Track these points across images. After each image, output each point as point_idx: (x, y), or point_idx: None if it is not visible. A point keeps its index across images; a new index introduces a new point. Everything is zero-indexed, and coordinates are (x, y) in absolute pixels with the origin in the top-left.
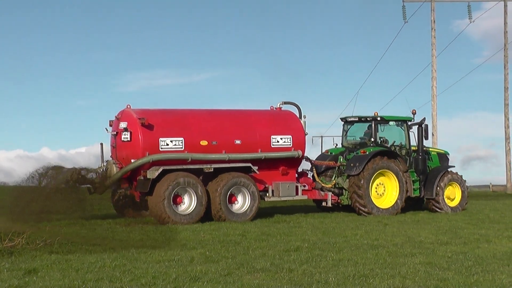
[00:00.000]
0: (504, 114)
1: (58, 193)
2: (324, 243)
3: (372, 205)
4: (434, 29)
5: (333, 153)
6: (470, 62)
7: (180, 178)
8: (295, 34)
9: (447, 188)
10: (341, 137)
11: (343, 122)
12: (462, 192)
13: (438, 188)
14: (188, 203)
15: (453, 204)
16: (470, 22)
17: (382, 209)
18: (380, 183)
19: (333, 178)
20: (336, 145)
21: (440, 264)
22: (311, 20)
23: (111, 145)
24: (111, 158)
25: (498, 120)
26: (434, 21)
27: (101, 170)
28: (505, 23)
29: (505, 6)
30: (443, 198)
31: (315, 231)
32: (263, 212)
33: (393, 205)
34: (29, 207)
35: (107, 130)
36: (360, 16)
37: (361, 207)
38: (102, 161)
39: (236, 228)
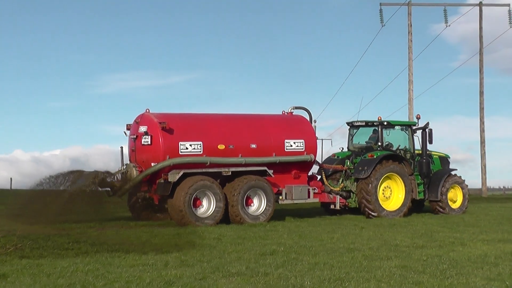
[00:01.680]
0: (480, 118)
1: (81, 196)
2: (300, 246)
3: (380, 208)
4: (411, 33)
5: (340, 157)
6: (447, 66)
7: (200, 181)
8: (273, 36)
9: (450, 191)
10: (347, 141)
11: (349, 127)
12: (464, 194)
13: (442, 190)
14: (207, 206)
15: (455, 206)
16: (446, 26)
17: (390, 211)
18: (387, 186)
19: (340, 182)
20: (342, 149)
21: (415, 268)
22: (289, 23)
23: (130, 149)
24: (129, 162)
25: (474, 124)
26: (411, 25)
27: (121, 173)
28: (480, 27)
29: (480, 11)
30: (447, 200)
31: (291, 234)
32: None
33: (399, 207)
34: (48, 210)
35: (125, 133)
36: (337, 20)
37: (369, 210)
38: (122, 164)
39: (211, 231)
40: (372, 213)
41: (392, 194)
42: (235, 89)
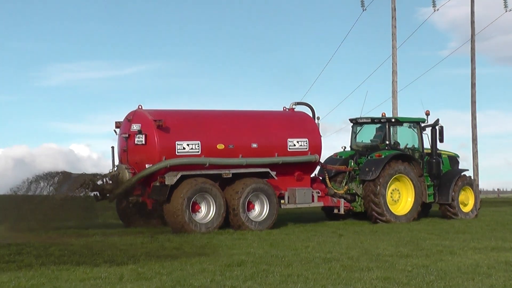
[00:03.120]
0: (471, 113)
1: (70, 201)
2: (272, 256)
3: (389, 212)
4: (395, 18)
5: (343, 157)
6: (436, 55)
7: (199, 184)
8: (241, 22)
9: (461, 193)
10: (350, 140)
11: (352, 124)
12: (475, 197)
13: (453, 193)
14: (206, 211)
15: (466, 209)
16: (435, 11)
17: (399, 216)
18: (395, 189)
19: (343, 184)
20: (345, 148)
21: (399, 279)
22: (260, 8)
23: (121, 149)
24: (120, 163)
25: (466, 119)
26: (395, 9)
27: (112, 175)
28: (472, 12)
29: None
30: (458, 204)
31: (261, 243)
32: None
33: (409, 211)
34: (33, 216)
35: (115, 132)
36: (312, 3)
37: (377, 215)
38: (113, 166)
39: (172, 240)
40: (381, 218)
41: (401, 197)
42: (197, 82)
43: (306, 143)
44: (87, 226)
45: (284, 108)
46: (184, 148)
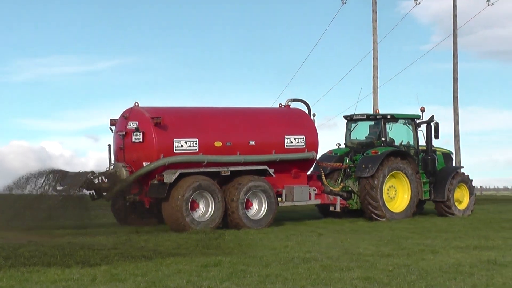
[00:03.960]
0: (454, 109)
1: (67, 200)
2: (249, 256)
3: (386, 209)
4: (375, 12)
5: (338, 154)
6: (417, 49)
7: (198, 182)
8: (217, 16)
9: (456, 190)
10: (344, 137)
11: (346, 121)
12: (471, 194)
13: (449, 190)
14: (205, 209)
15: (461, 207)
16: (416, 4)
17: (395, 213)
18: (391, 186)
19: (339, 181)
20: (339, 145)
21: (380, 279)
22: (234, 2)
23: (117, 147)
24: (117, 161)
25: (449, 115)
26: (376, 3)
27: (109, 174)
28: (454, 6)
29: None
30: (454, 201)
31: (239, 242)
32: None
33: (405, 209)
34: (27, 215)
35: (111, 130)
36: None
37: (374, 212)
38: (110, 164)
39: (147, 240)
40: (378, 215)
41: (397, 194)
42: (173, 76)
43: (303, 140)
44: (80, 226)
45: (280, 105)
46: (182, 146)
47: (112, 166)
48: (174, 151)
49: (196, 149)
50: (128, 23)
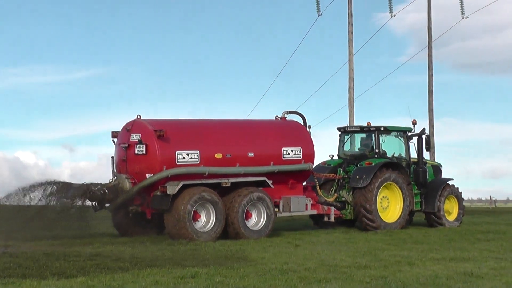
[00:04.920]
0: (429, 121)
1: (70, 211)
2: (226, 268)
3: (379, 219)
4: (351, 24)
5: (332, 165)
6: (393, 61)
7: (200, 193)
8: (194, 27)
9: (445, 202)
10: (337, 148)
11: (339, 132)
12: (459, 206)
13: (439, 201)
14: (206, 220)
15: (451, 218)
16: (392, 17)
17: (388, 223)
18: (384, 196)
19: (333, 192)
20: (332, 156)
21: None
22: (213, 13)
23: (119, 158)
24: (118, 172)
25: (424, 126)
26: (352, 15)
27: (112, 185)
28: (429, 18)
29: None
30: (443, 212)
31: (216, 254)
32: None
33: (398, 219)
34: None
35: (113, 142)
36: (267, 8)
37: (368, 222)
38: (113, 176)
39: (123, 251)
40: (371, 225)
41: (390, 204)
42: (148, 87)
43: (300, 152)
44: (81, 236)
45: (276, 117)
46: (184, 158)
47: (115, 178)
48: (176, 163)
49: (198, 161)
50: (104, 33)
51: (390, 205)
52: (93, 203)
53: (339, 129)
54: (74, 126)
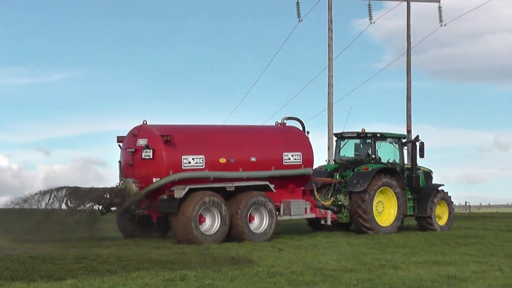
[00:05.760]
0: (406, 127)
1: (75, 215)
2: (214, 271)
3: (375, 222)
4: (331, 30)
5: (328, 170)
6: (371, 67)
7: (206, 197)
8: (169, 31)
9: (436, 207)
10: (334, 154)
11: (336, 138)
12: (450, 211)
13: (431, 206)
14: (211, 223)
15: (441, 222)
16: (371, 23)
17: (383, 227)
18: (379, 201)
19: (329, 195)
20: (328, 161)
21: None
22: (193, 15)
23: (125, 163)
24: (125, 177)
25: (401, 133)
26: (331, 21)
27: (120, 189)
28: (408, 26)
29: (408, 7)
30: (435, 217)
31: (202, 257)
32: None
33: (392, 223)
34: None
35: (120, 146)
36: (248, 14)
37: (364, 225)
38: (120, 180)
39: (110, 254)
40: (367, 228)
41: (385, 209)
42: (124, 89)
43: (300, 157)
44: (87, 239)
45: (276, 123)
46: (189, 162)
47: (122, 182)
48: (183, 167)
49: (203, 166)
50: (80, 36)
51: (385, 209)
52: (100, 207)
53: (335, 134)
54: (49, 129)
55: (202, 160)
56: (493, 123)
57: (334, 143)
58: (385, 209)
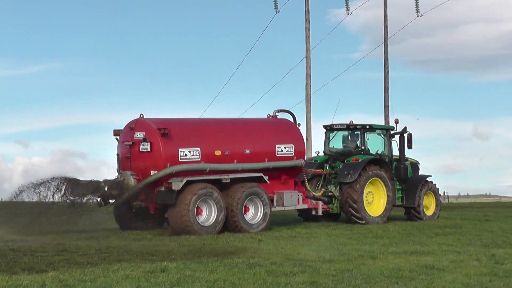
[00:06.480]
0: (384, 117)
1: (74, 207)
2: (195, 262)
3: (365, 212)
4: (309, 21)
5: (318, 161)
6: (348, 57)
7: (203, 189)
8: (150, 22)
9: (424, 198)
10: (323, 145)
11: (325, 130)
12: (437, 201)
13: (419, 197)
14: (208, 214)
15: (429, 213)
16: (348, 14)
17: (373, 217)
18: (369, 191)
19: (319, 186)
20: (318, 152)
21: (325, 283)
22: (170, 6)
23: (123, 156)
24: (122, 169)
25: (379, 123)
26: (309, 12)
27: (118, 182)
28: (385, 16)
29: None
30: (423, 207)
31: (182, 248)
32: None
33: (382, 213)
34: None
35: (117, 139)
36: (225, 6)
37: (355, 215)
38: (119, 173)
39: (91, 246)
40: (358, 218)
41: (374, 199)
42: (103, 81)
43: (292, 149)
44: (86, 231)
45: (268, 115)
46: (186, 155)
47: (120, 175)
48: (179, 160)
49: (199, 158)
50: (57, 27)
51: (375, 199)
52: (99, 199)
53: (325, 126)
54: (27, 121)
55: (198, 153)
56: (471, 113)
57: (324, 135)
58: (375, 200)
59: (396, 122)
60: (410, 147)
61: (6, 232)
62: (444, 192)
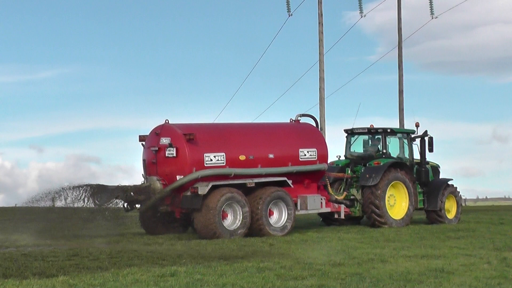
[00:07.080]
0: (399, 120)
1: (100, 212)
2: (204, 266)
3: (388, 216)
4: (322, 24)
5: (340, 165)
6: (363, 60)
7: (228, 193)
8: (159, 28)
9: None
10: (344, 149)
11: (346, 134)
12: (458, 204)
13: (441, 200)
14: (233, 218)
15: (450, 216)
16: (362, 16)
17: (395, 220)
18: (391, 194)
19: (341, 190)
20: (339, 157)
21: (333, 286)
22: (183, 13)
23: (149, 161)
24: (148, 174)
25: (395, 126)
26: (322, 15)
27: (145, 187)
28: (399, 19)
29: None
30: (444, 210)
31: (192, 253)
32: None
33: (404, 216)
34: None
35: (143, 145)
36: (238, 9)
37: (377, 218)
38: (145, 178)
39: (102, 251)
40: (380, 221)
41: (396, 202)
42: (117, 86)
43: (315, 153)
44: (112, 235)
45: (291, 120)
46: (211, 160)
47: (146, 180)
48: (205, 164)
49: (223, 163)
50: (70, 33)
51: (397, 202)
52: (125, 204)
53: (346, 131)
54: (42, 126)
55: (223, 158)
56: (490, 116)
57: (345, 139)
58: (397, 203)
59: (417, 125)
60: (431, 150)
61: (28, 236)
62: (461, 196)
